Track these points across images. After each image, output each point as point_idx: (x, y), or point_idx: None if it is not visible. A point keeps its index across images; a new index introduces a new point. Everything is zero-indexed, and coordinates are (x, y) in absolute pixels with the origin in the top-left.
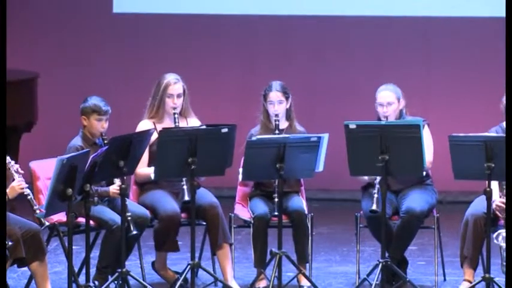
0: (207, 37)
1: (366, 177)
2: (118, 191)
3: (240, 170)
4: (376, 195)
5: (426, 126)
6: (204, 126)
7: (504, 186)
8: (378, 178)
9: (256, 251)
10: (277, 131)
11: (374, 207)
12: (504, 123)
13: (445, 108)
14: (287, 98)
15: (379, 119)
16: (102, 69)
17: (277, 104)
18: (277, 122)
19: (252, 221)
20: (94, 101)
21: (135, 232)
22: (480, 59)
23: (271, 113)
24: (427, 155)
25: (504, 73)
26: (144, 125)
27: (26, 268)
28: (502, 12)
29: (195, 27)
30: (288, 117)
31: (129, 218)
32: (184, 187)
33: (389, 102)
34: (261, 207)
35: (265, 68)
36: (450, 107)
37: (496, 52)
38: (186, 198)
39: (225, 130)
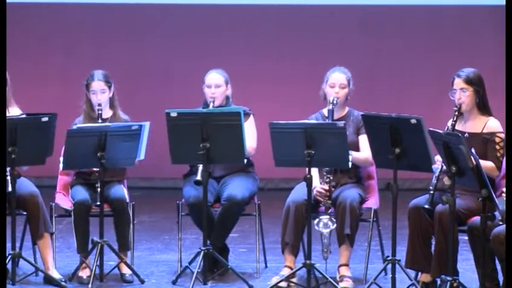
0: (28, 25)
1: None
2: None
3: (61, 159)
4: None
5: (251, 116)
6: (24, 115)
7: (324, 173)
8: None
9: (78, 237)
10: (100, 120)
11: (198, 177)
12: (323, 110)
13: (266, 95)
14: (109, 87)
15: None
16: None
17: (100, 94)
18: (100, 112)
19: (73, 207)
20: None
21: None
22: (304, 48)
23: (94, 103)
24: (250, 141)
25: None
26: None
27: None
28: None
29: (15, 15)
30: (111, 105)
31: None
32: (8, 178)
33: (217, 84)
34: (81, 193)
35: (87, 56)
36: (271, 94)
37: (319, 40)
38: (9, 189)
39: (45, 119)
